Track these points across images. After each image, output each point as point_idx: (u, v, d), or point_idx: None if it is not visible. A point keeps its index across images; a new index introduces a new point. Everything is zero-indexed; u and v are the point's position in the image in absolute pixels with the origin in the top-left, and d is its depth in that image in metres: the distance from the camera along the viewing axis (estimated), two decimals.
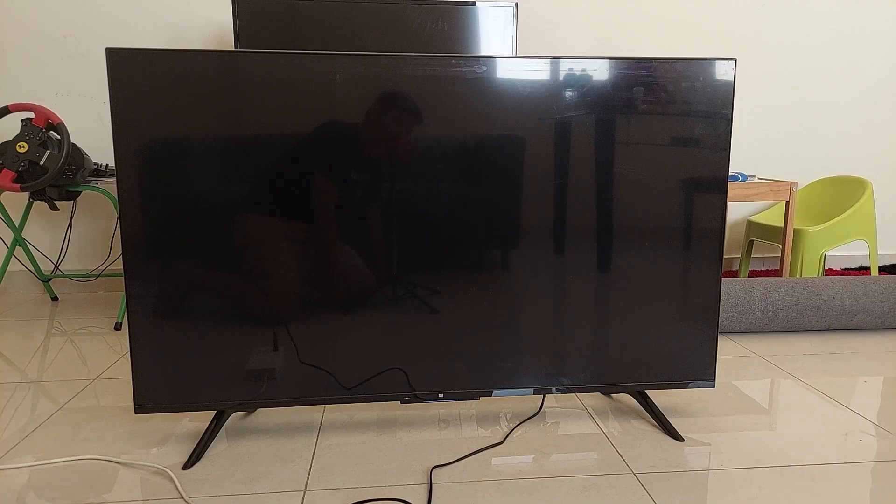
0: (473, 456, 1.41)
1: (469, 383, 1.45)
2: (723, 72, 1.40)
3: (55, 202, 2.54)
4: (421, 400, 1.45)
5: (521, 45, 2.99)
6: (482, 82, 1.34)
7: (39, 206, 2.89)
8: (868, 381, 1.84)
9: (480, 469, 1.35)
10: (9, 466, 1.36)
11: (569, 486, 1.29)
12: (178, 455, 1.41)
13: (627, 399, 1.71)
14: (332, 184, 1.31)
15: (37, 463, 1.37)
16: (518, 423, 1.57)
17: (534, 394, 1.48)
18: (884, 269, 3.20)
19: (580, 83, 1.37)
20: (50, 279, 2.80)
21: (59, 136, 2.30)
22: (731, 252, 3.26)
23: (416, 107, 1.32)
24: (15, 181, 2.25)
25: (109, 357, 2.04)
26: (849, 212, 2.76)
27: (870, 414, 1.62)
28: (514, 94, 1.35)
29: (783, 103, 3.19)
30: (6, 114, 2.27)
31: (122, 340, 2.21)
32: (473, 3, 2.52)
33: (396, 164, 1.35)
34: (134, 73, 1.24)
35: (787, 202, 2.63)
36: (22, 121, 2.27)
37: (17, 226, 2.63)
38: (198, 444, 1.40)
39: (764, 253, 3.26)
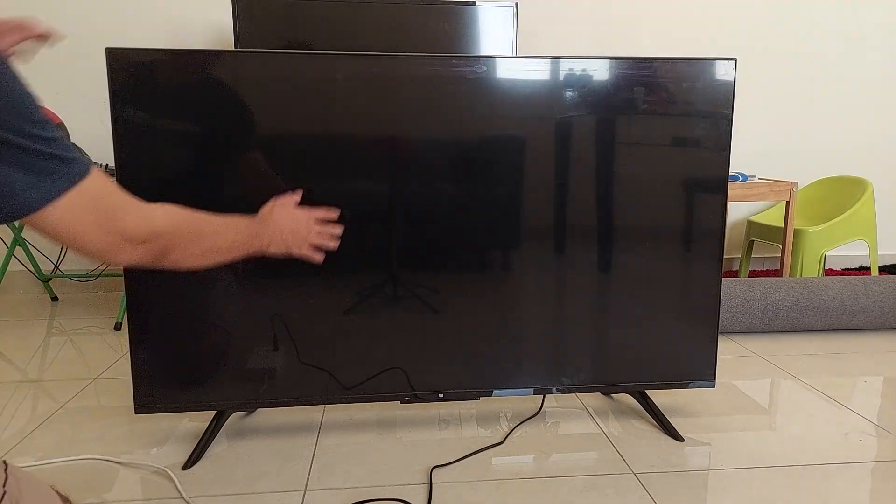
0: (473, 456, 1.41)
1: (469, 383, 1.45)
2: (723, 72, 1.40)
3: None
4: (421, 400, 1.45)
5: (521, 45, 2.98)
6: (482, 82, 1.34)
7: None
8: (868, 381, 1.84)
9: (480, 469, 1.35)
10: None
11: (569, 486, 1.29)
12: (178, 455, 1.41)
13: (627, 399, 1.70)
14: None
15: (37, 463, 1.37)
16: (518, 423, 1.57)
17: (534, 394, 1.48)
18: (884, 269, 3.20)
19: (580, 83, 1.37)
20: (50, 279, 2.80)
21: None
22: (731, 252, 3.25)
23: None
24: None
25: (109, 357, 2.04)
26: (849, 212, 2.76)
27: (870, 414, 1.62)
28: (515, 94, 1.35)
29: (783, 103, 3.19)
30: None
31: (122, 340, 2.21)
32: (473, 3, 2.52)
33: (396, 164, 1.35)
34: (134, 73, 1.24)
35: (788, 202, 2.63)
36: None
37: (17, 226, 2.63)
38: (198, 444, 1.40)
39: (764, 253, 3.26)
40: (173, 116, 1.26)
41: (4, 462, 0.71)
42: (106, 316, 2.54)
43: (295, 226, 1.11)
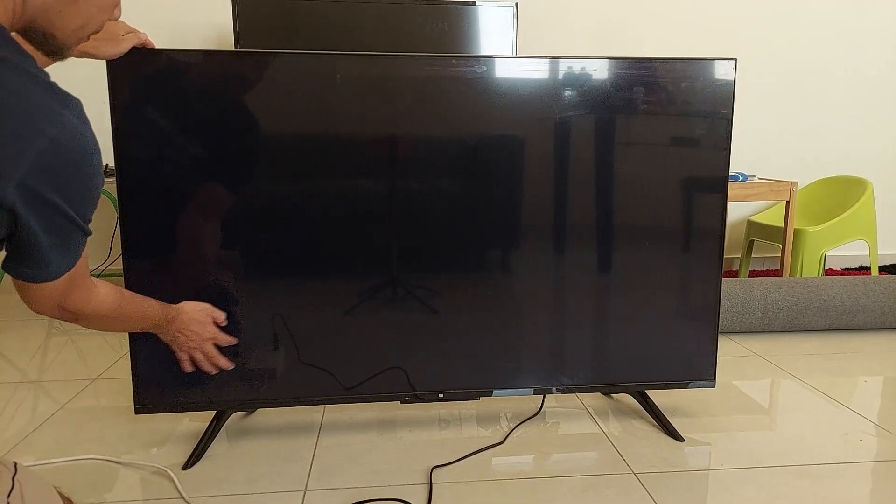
0: (473, 456, 1.41)
1: (469, 383, 1.45)
2: (723, 72, 1.40)
3: None
4: (421, 400, 1.45)
5: (521, 45, 2.98)
6: (482, 82, 1.34)
7: None
8: (868, 381, 1.84)
9: (480, 469, 1.35)
10: None
11: (569, 486, 1.29)
12: (178, 455, 1.41)
13: (627, 399, 1.70)
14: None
15: (37, 463, 1.37)
16: (518, 423, 1.57)
17: (534, 394, 1.48)
18: (884, 269, 3.20)
19: (580, 83, 1.37)
20: None
21: None
22: (731, 252, 3.25)
23: None
24: None
25: (109, 357, 2.04)
26: (849, 212, 2.76)
27: (870, 414, 1.62)
28: (515, 94, 1.35)
29: (783, 103, 3.19)
30: None
31: (122, 340, 2.21)
32: (473, 3, 2.52)
33: (397, 165, 1.35)
34: (134, 73, 1.24)
35: (788, 202, 2.63)
36: None
37: None
38: (198, 444, 1.40)
39: (764, 253, 3.25)
40: (173, 117, 1.26)
41: (14, 462, 0.73)
42: None
43: (197, 331, 1.26)
